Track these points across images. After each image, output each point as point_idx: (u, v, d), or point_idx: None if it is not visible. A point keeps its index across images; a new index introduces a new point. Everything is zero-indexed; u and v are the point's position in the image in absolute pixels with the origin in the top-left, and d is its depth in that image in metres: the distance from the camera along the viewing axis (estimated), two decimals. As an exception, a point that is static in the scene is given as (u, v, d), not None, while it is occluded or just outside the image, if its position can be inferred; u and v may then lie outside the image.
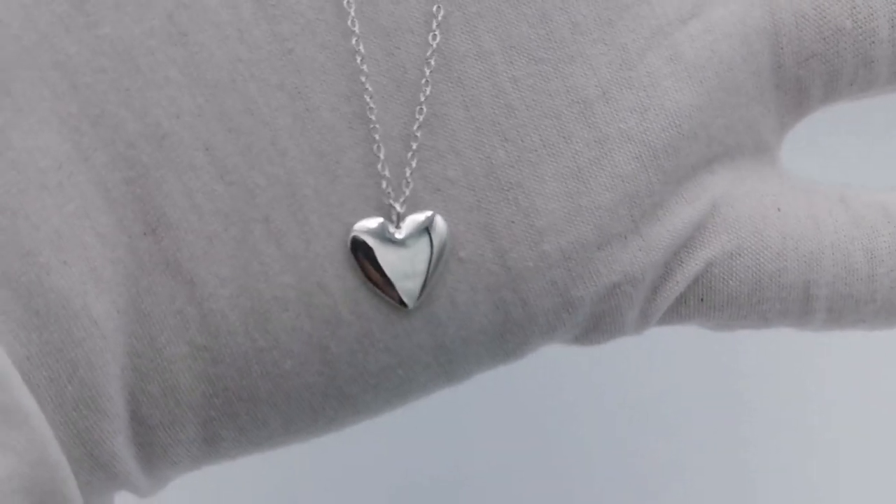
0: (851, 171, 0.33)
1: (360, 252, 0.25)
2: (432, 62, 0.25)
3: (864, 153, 0.48)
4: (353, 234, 0.25)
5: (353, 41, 0.25)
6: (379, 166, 0.25)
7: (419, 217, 0.25)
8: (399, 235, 0.25)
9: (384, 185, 0.25)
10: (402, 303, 0.25)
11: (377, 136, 0.25)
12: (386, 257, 0.25)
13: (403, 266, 0.25)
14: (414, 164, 0.25)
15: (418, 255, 0.25)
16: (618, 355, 0.47)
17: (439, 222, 0.25)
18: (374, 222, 0.25)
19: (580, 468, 0.49)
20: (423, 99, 0.25)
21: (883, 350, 0.48)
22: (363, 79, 0.25)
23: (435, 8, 0.25)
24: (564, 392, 0.49)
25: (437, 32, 0.25)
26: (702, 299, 0.28)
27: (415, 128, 0.25)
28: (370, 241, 0.25)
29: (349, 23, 0.25)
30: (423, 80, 0.25)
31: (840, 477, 0.48)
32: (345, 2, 0.25)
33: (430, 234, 0.25)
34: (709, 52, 0.26)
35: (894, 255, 0.28)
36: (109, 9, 0.24)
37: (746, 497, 0.49)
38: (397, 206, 0.25)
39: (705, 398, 0.50)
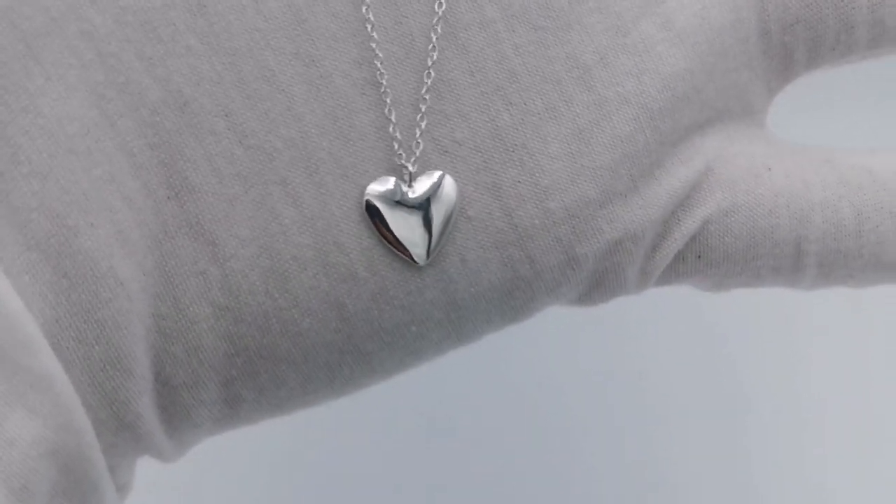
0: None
1: (374, 211, 0.26)
2: (438, 29, 0.26)
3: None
4: (366, 194, 0.26)
5: (363, 10, 0.26)
6: (390, 129, 0.26)
7: (429, 176, 0.26)
8: (410, 195, 0.26)
9: (395, 146, 0.26)
10: (414, 261, 0.26)
11: (388, 101, 0.26)
12: (396, 216, 0.26)
13: (413, 224, 0.26)
14: (423, 125, 0.26)
15: (428, 214, 0.26)
16: (614, 345, 0.49)
17: (448, 182, 0.26)
18: (386, 182, 0.26)
19: (574, 460, 0.49)
20: (430, 65, 0.26)
21: (880, 343, 0.49)
22: (373, 45, 0.26)
23: None
24: (559, 384, 0.50)
25: (442, 1, 0.26)
26: (699, 256, 0.29)
27: (423, 91, 0.26)
28: (381, 200, 0.26)
29: None
30: (430, 47, 0.26)
31: (837, 467, 0.49)
32: None
33: (439, 192, 0.26)
34: (699, 18, 0.28)
35: (879, 211, 0.29)
36: None
37: (745, 490, 0.50)
38: (409, 167, 0.26)
39: (700, 390, 0.51)
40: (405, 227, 0.26)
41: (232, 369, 0.27)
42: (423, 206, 0.26)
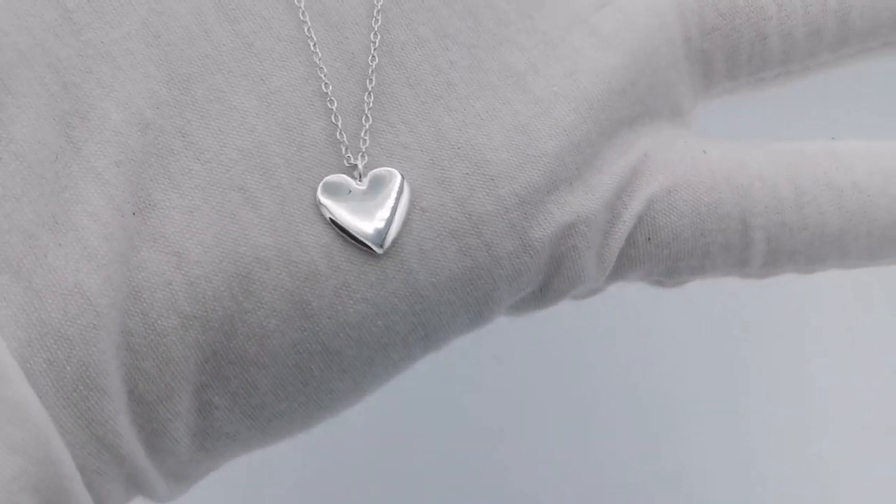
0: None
1: (328, 207, 0.27)
2: (377, 43, 0.29)
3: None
4: (318, 191, 0.27)
5: (306, 30, 0.29)
6: (338, 134, 0.28)
7: (377, 171, 0.28)
8: (360, 188, 0.28)
9: (344, 150, 0.28)
10: (373, 250, 0.27)
11: (333, 108, 0.28)
12: (349, 209, 0.28)
13: (366, 214, 0.28)
14: (368, 126, 0.28)
15: (380, 205, 0.28)
16: (617, 342, 0.49)
17: (396, 174, 0.28)
18: (336, 179, 0.28)
19: (578, 457, 0.49)
20: (371, 78, 0.29)
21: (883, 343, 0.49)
22: (317, 60, 0.28)
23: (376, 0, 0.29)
24: (562, 379, 0.50)
25: (378, 18, 0.29)
26: (649, 238, 0.30)
27: (365, 96, 0.28)
28: (333, 196, 0.28)
29: (300, 15, 0.29)
30: (370, 58, 0.29)
31: (847, 465, 0.48)
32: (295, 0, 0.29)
33: (389, 184, 0.28)
34: (623, 23, 0.30)
35: (815, 183, 0.31)
36: (92, 17, 0.28)
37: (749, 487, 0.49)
38: (359, 165, 0.28)
39: (708, 385, 0.50)
40: (358, 219, 0.27)
41: (202, 376, 0.27)
42: (373, 197, 0.28)
